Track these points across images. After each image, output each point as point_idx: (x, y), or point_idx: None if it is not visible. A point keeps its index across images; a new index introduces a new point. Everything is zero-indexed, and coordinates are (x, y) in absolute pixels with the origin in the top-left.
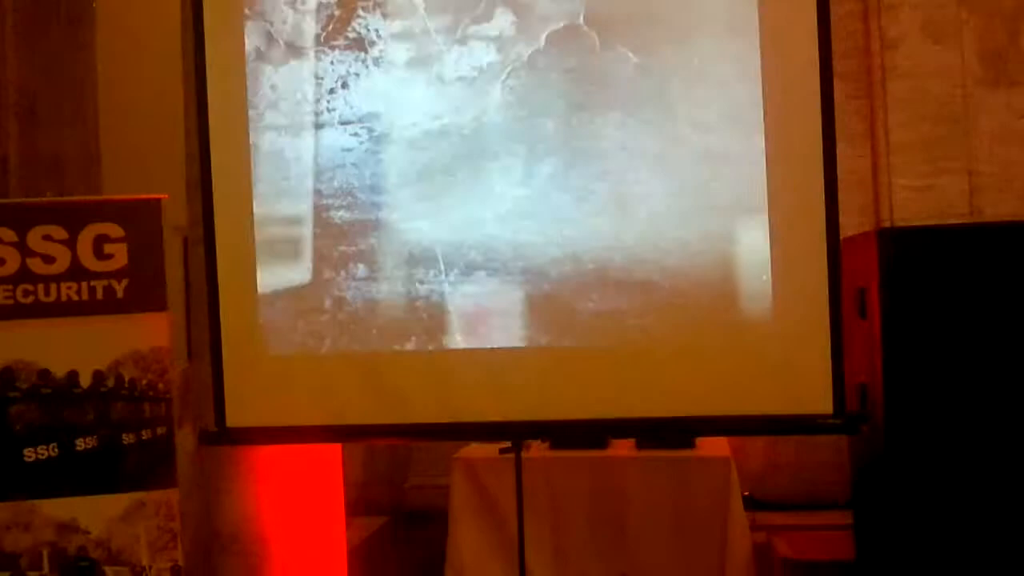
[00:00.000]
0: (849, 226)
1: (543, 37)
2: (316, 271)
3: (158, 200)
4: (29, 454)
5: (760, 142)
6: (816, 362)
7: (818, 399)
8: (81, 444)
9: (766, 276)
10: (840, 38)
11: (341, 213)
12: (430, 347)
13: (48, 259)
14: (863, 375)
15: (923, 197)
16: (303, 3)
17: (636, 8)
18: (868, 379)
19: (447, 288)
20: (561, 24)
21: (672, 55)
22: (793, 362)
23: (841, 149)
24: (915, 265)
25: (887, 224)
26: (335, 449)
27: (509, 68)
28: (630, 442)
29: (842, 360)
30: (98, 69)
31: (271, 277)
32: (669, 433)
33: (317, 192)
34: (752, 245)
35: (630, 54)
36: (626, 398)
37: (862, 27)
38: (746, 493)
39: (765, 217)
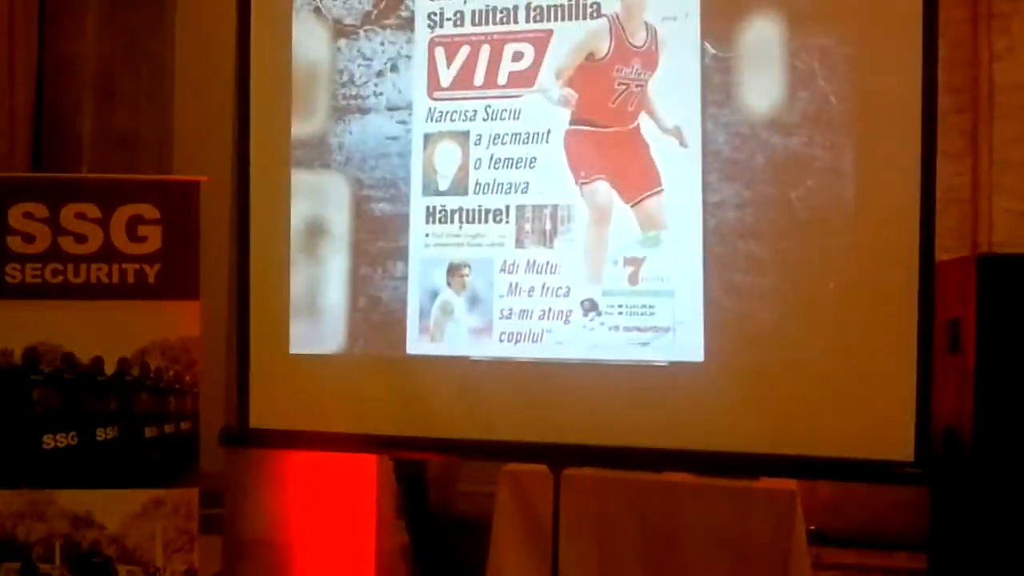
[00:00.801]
0: (942, 250)
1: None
2: (353, 267)
3: (196, 183)
4: (48, 441)
5: (849, 151)
6: (898, 400)
7: (898, 442)
8: (101, 434)
9: (846, 300)
10: (943, 46)
11: (382, 206)
12: (471, 355)
13: (80, 238)
14: (950, 416)
15: None
16: None
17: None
18: (956, 421)
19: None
20: None
21: (750, 46)
22: (871, 399)
23: (939, 165)
24: (1018, 295)
25: (985, 249)
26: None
27: None
28: None
29: (929, 400)
30: (176, 49)
31: (305, 271)
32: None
33: (358, 182)
34: (831, 264)
35: (708, 45)
36: (681, 426)
37: (970, 36)
38: (812, 527)
39: (849, 234)
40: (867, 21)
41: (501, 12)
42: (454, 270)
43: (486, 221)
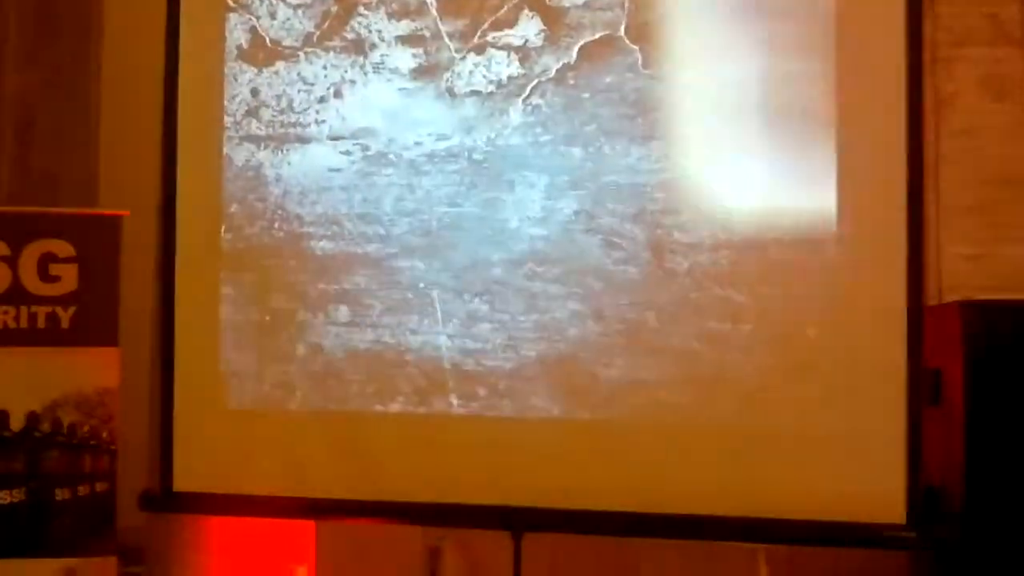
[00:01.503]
0: None
1: (575, 49)
2: (289, 311)
3: (118, 217)
4: None
5: (831, 193)
6: (886, 457)
7: (887, 503)
8: (7, 497)
9: (828, 349)
10: None
11: (323, 244)
12: (420, 410)
13: None
14: (936, 474)
15: (977, 267)
16: None
17: (688, 20)
18: (942, 479)
19: (444, 341)
20: (598, 35)
21: (729, 77)
22: (856, 455)
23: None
24: (1007, 343)
25: (935, 296)
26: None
27: (533, 83)
28: None
29: (920, 456)
30: (101, 85)
31: (237, 315)
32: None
33: (297, 218)
34: (813, 312)
35: (678, 74)
36: (652, 487)
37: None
38: None
39: (832, 280)
40: (847, 51)
41: None
42: None
43: None
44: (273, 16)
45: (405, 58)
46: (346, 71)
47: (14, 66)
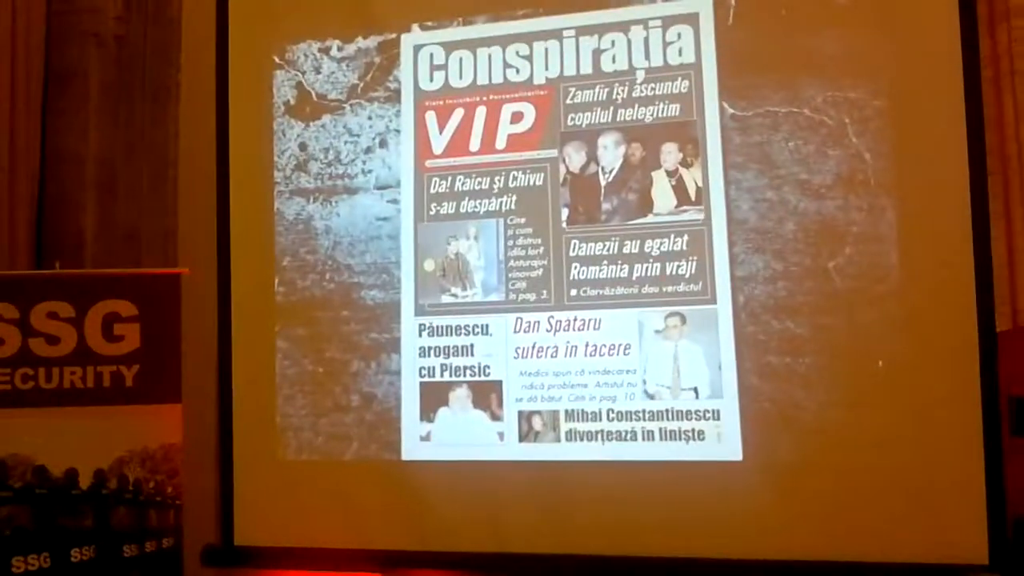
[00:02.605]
0: None
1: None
2: (343, 362)
3: (176, 275)
4: (18, 564)
5: (890, 214)
6: (965, 493)
7: (968, 542)
8: (77, 555)
9: (897, 380)
10: None
11: (374, 293)
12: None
13: (52, 340)
14: (1021, 508)
15: None
16: (339, 49)
17: (731, 48)
18: None
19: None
20: None
21: (777, 104)
22: (933, 493)
23: None
24: None
25: None
26: None
27: None
28: None
29: (1003, 491)
30: (179, 144)
31: (292, 368)
32: None
33: (347, 268)
34: (878, 341)
35: (724, 104)
36: (719, 532)
37: (993, 95)
38: None
39: (896, 307)
40: (901, 72)
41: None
42: None
43: None
44: (318, 71)
45: None
46: (390, 120)
47: (97, 129)
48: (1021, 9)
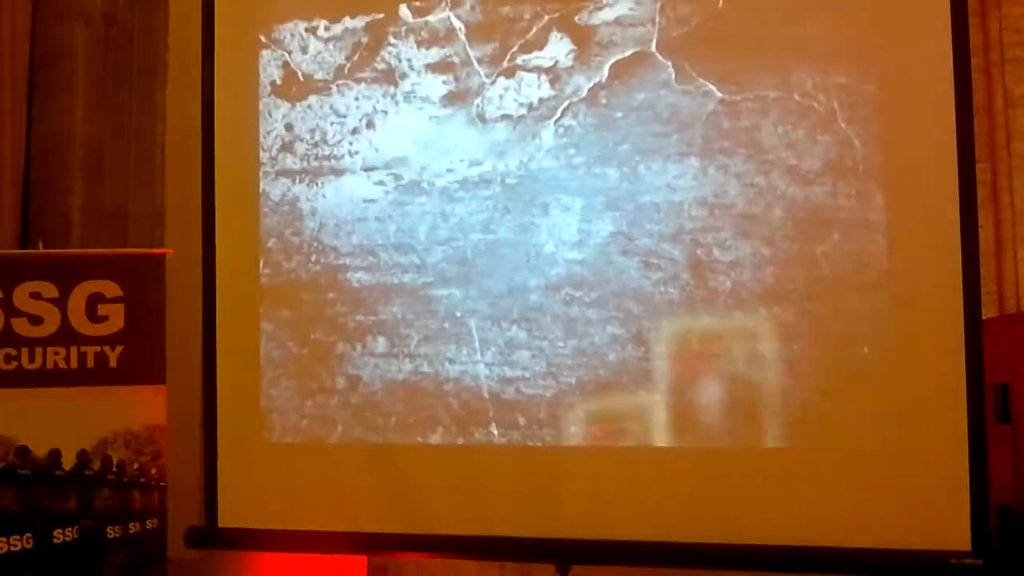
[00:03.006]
0: None
1: (606, 68)
2: (328, 344)
3: (161, 256)
4: (0, 545)
5: (878, 200)
6: (949, 479)
7: (951, 528)
8: (60, 536)
9: (883, 366)
10: None
11: (360, 275)
12: (459, 441)
13: (35, 320)
14: (1004, 494)
15: None
16: (327, 29)
17: (721, 32)
18: (1013, 500)
19: (482, 370)
20: (629, 52)
21: (766, 89)
22: (917, 479)
23: None
24: None
25: (1013, 306)
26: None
27: (564, 104)
28: None
29: (986, 478)
30: (167, 124)
31: (277, 350)
32: None
33: (333, 250)
34: (865, 327)
35: (713, 88)
36: (700, 516)
37: (984, 83)
38: None
39: (883, 294)
40: (891, 59)
41: None
42: None
43: None
44: (304, 50)
45: (435, 85)
46: (377, 101)
47: (84, 111)
48: None
